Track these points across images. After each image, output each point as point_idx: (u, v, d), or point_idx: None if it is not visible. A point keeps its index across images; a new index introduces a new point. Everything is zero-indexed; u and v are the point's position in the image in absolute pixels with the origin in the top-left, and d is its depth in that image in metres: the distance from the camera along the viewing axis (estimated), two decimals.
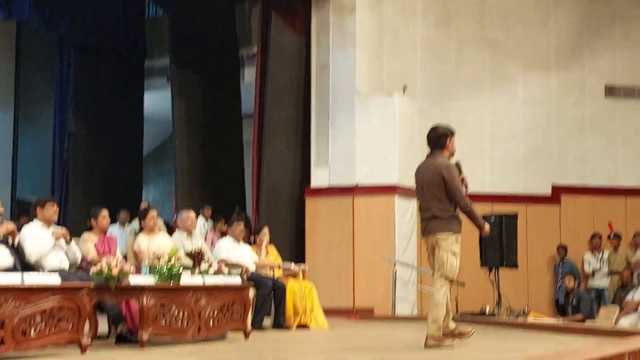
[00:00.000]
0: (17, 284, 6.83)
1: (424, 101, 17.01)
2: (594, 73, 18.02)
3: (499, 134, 17.42)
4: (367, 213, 15.63)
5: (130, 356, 7.22)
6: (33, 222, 9.08)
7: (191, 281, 8.74)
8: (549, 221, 17.44)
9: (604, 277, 17.01)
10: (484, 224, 8.45)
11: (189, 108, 17.66)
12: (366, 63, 16.27)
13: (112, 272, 8.00)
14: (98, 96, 19.38)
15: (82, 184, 19.02)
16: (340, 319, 14.14)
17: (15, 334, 6.67)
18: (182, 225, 10.90)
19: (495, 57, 17.58)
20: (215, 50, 18.53)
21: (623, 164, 17.95)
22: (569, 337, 9.65)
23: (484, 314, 14.06)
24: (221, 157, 18.15)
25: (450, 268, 8.09)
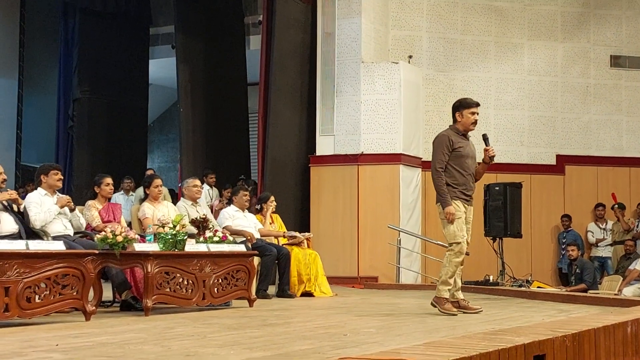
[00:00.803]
0: (21, 250, 6.85)
1: (429, 69, 16.99)
2: (600, 43, 17.98)
3: (503, 103, 17.41)
4: (371, 181, 15.64)
5: (134, 323, 7.25)
6: (38, 189, 9.09)
7: (196, 249, 8.76)
8: (553, 191, 17.46)
9: (607, 246, 17.05)
10: (446, 206, 8.33)
11: (194, 75, 17.62)
12: (371, 31, 16.23)
13: (117, 239, 8.03)
14: (103, 62, 19.35)
15: (86, 151, 19.03)
16: (345, 287, 14.20)
17: (19, 301, 6.70)
18: (188, 193, 10.91)
19: (501, 25, 17.52)
20: (221, 18, 18.48)
21: (627, 134, 17.94)
22: (572, 306, 9.68)
23: (488, 283, 14.09)
24: (226, 125, 18.15)
25: (448, 233, 8.45)
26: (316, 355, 4.94)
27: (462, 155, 8.55)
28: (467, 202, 8.52)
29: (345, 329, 6.65)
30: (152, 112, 22.50)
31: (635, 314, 6.84)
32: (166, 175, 22.46)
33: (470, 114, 8.72)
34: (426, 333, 6.38)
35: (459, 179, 8.47)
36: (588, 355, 5.57)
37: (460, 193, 8.45)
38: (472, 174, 8.61)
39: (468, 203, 8.53)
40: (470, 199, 8.56)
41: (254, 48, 18.80)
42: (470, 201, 8.57)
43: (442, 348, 4.52)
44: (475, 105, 8.81)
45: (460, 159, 8.52)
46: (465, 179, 8.50)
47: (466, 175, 8.52)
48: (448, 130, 8.78)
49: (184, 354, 5.04)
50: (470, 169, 8.59)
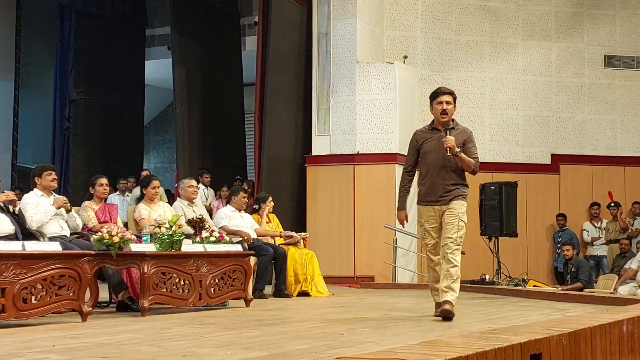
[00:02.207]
0: (18, 251, 6.86)
1: (425, 69, 17.01)
2: (594, 42, 18.02)
3: (498, 103, 17.44)
4: (367, 181, 15.66)
5: (131, 324, 7.26)
6: (33, 190, 9.09)
7: (192, 249, 8.77)
8: (548, 190, 17.49)
9: (602, 245, 17.08)
10: (398, 211, 8.33)
11: (190, 76, 17.63)
12: (367, 31, 16.24)
13: (113, 240, 8.04)
14: (99, 63, 19.36)
15: (83, 152, 19.03)
16: (341, 286, 14.21)
17: (16, 302, 6.71)
18: (184, 194, 10.91)
19: (495, 25, 17.55)
20: (216, 19, 18.51)
21: (622, 134, 17.98)
22: (568, 305, 9.70)
23: (484, 282, 14.11)
24: (222, 126, 18.16)
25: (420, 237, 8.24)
26: (313, 355, 4.95)
27: (425, 151, 7.99)
28: (436, 204, 7.84)
29: (342, 329, 6.66)
30: (148, 113, 22.52)
31: (630, 313, 6.86)
32: (162, 175, 22.46)
33: (437, 104, 8.01)
34: (422, 332, 6.39)
35: (424, 180, 7.96)
36: (584, 354, 5.59)
37: (424, 195, 7.94)
38: (441, 170, 7.84)
39: (437, 204, 7.83)
40: (439, 199, 7.81)
41: (250, 49, 18.82)
42: (440, 201, 7.81)
43: (439, 347, 4.53)
44: (442, 93, 8.04)
45: (425, 157, 7.99)
46: (431, 178, 7.88)
47: (432, 172, 7.89)
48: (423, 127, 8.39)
49: (180, 354, 5.05)
50: (436, 165, 7.86)
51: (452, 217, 7.76)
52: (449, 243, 7.69)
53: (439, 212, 7.84)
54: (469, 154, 7.87)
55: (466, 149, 7.89)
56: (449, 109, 7.94)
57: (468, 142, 7.96)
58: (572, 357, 5.40)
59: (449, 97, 8.00)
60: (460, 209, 7.82)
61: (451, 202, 7.81)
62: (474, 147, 8.01)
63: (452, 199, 7.81)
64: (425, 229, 7.94)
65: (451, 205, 7.80)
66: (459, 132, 7.95)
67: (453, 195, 7.83)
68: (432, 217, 7.87)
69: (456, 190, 7.86)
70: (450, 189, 7.83)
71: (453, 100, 8.02)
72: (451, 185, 7.84)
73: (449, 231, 7.72)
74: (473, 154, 7.94)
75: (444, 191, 7.82)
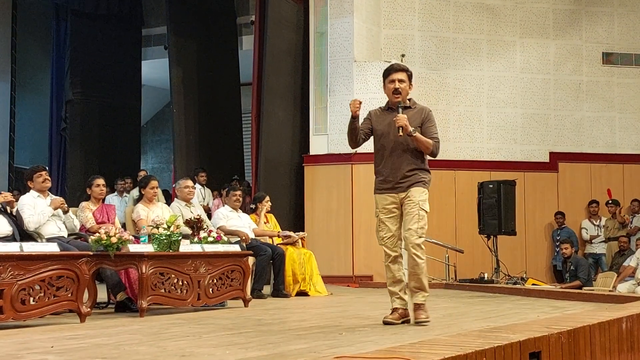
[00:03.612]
0: (15, 252, 6.84)
1: (422, 68, 16.98)
2: (592, 40, 18.00)
3: (496, 101, 17.41)
4: (365, 180, 15.59)
5: (129, 324, 7.25)
6: (30, 192, 9.08)
7: (190, 249, 8.77)
8: (547, 188, 17.48)
9: (601, 243, 17.07)
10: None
11: (187, 76, 17.62)
12: (364, 30, 16.22)
13: (111, 240, 8.03)
14: (95, 64, 19.34)
15: (80, 153, 19.02)
16: (340, 286, 14.20)
17: (14, 303, 6.70)
18: (180, 195, 10.91)
19: (493, 23, 17.53)
20: (213, 19, 18.49)
21: (620, 131, 17.97)
22: (567, 303, 9.69)
23: (483, 280, 14.10)
24: (219, 126, 18.14)
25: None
26: (312, 354, 4.94)
27: (379, 134, 7.30)
28: (392, 191, 7.13)
29: (341, 328, 6.65)
30: (145, 113, 22.49)
31: (630, 310, 6.86)
32: (160, 176, 22.41)
33: (389, 83, 7.33)
34: (421, 331, 6.38)
35: (380, 166, 7.25)
36: (583, 352, 5.58)
37: (380, 183, 7.22)
38: (396, 154, 7.14)
39: (394, 191, 7.12)
40: (396, 186, 7.09)
41: (247, 48, 18.81)
42: (398, 188, 7.09)
43: (438, 346, 4.52)
44: (395, 70, 7.33)
45: (379, 140, 7.29)
46: (387, 164, 7.18)
47: (387, 157, 7.18)
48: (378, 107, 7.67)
49: (179, 354, 5.03)
50: (391, 149, 7.16)
51: (412, 206, 7.02)
52: (409, 236, 6.99)
53: (395, 201, 7.12)
54: (427, 135, 7.19)
55: (424, 128, 7.21)
56: (403, 87, 7.26)
57: (426, 121, 7.27)
58: (571, 355, 5.39)
59: (403, 74, 7.32)
60: (420, 196, 7.07)
61: (410, 189, 7.07)
62: (434, 126, 7.32)
63: (410, 185, 7.09)
64: (380, 220, 7.18)
65: (410, 192, 7.06)
66: (415, 111, 7.30)
67: (412, 181, 7.10)
68: (389, 206, 7.13)
69: (415, 176, 7.12)
70: (408, 175, 7.11)
71: (408, 78, 7.33)
72: (409, 171, 7.12)
73: (409, 222, 7.01)
74: (432, 134, 7.24)
75: (401, 177, 7.10)
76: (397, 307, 7.09)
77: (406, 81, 7.31)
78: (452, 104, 17.11)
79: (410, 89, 7.37)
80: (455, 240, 16.33)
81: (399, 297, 7.12)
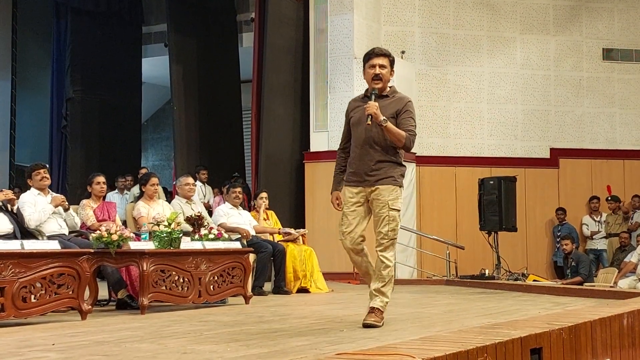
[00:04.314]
0: (16, 250, 6.84)
1: (422, 64, 17.00)
2: (592, 36, 18.00)
3: (497, 98, 17.42)
4: None
5: (130, 321, 7.25)
6: (30, 190, 9.09)
7: (191, 246, 8.76)
8: (548, 184, 17.48)
9: (602, 239, 17.07)
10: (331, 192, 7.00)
11: (187, 74, 17.61)
12: (364, 27, 16.22)
13: (112, 238, 8.03)
14: (95, 61, 19.34)
15: (80, 150, 19.02)
16: (341, 282, 14.20)
17: (15, 301, 6.70)
18: (181, 192, 10.91)
19: (493, 19, 17.53)
20: (213, 16, 18.48)
21: (621, 127, 17.97)
22: (568, 299, 9.69)
23: (484, 276, 14.10)
24: (220, 123, 18.14)
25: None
26: (313, 351, 4.94)
27: (353, 123, 6.78)
28: (359, 184, 6.67)
29: (342, 325, 6.65)
30: (146, 110, 22.49)
31: (631, 306, 6.85)
32: (160, 173, 22.43)
33: (369, 68, 6.76)
34: (422, 328, 6.38)
35: (352, 157, 6.77)
36: (584, 348, 5.58)
37: (350, 175, 6.74)
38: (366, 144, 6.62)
39: (361, 184, 6.65)
40: (364, 179, 6.62)
41: (247, 45, 18.80)
42: (365, 182, 6.62)
43: (439, 343, 4.52)
44: (376, 55, 6.78)
45: (353, 129, 6.78)
46: (357, 155, 6.68)
47: (358, 148, 6.68)
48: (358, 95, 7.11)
49: (180, 351, 5.03)
50: (361, 139, 6.64)
51: (380, 207, 6.56)
52: (379, 239, 6.61)
53: (363, 195, 6.65)
54: (402, 126, 6.56)
55: (400, 119, 6.60)
56: (384, 73, 6.72)
57: (403, 112, 6.65)
58: (573, 351, 5.39)
59: (384, 59, 6.77)
60: (390, 195, 6.56)
61: (378, 185, 6.57)
62: (411, 118, 6.65)
63: (378, 180, 6.57)
64: (344, 213, 6.73)
65: (378, 190, 6.57)
66: (393, 101, 6.71)
67: (380, 176, 6.57)
68: (354, 200, 6.66)
69: (384, 171, 6.58)
70: (376, 168, 6.58)
71: (389, 64, 6.80)
72: (377, 163, 6.58)
73: (378, 224, 6.59)
74: (407, 126, 6.59)
75: (370, 170, 6.60)
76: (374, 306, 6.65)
77: (387, 67, 6.78)
78: (452, 100, 17.11)
79: (391, 76, 6.83)
80: (456, 236, 16.34)
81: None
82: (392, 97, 6.76)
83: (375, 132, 6.54)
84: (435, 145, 16.95)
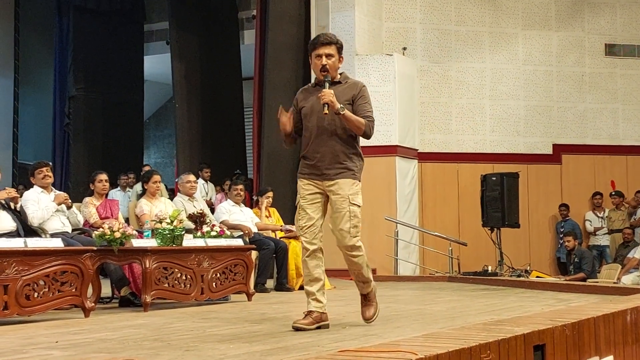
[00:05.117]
0: (20, 247, 6.85)
1: (424, 61, 16.98)
2: (594, 31, 17.98)
3: (499, 94, 17.40)
4: (368, 174, 15.41)
5: (133, 319, 7.25)
6: (33, 187, 9.10)
7: (193, 243, 8.77)
8: (550, 180, 17.46)
9: (605, 235, 17.05)
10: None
11: (189, 71, 17.63)
12: (365, 23, 16.20)
13: (115, 235, 8.03)
14: (98, 59, 19.39)
15: (83, 148, 19.07)
16: (343, 279, 14.18)
17: (18, 298, 6.70)
18: (183, 189, 10.91)
19: (495, 15, 17.51)
20: (214, 13, 18.49)
21: (623, 122, 17.96)
22: (571, 295, 9.69)
23: (486, 273, 14.09)
24: (222, 120, 18.16)
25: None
26: (315, 348, 4.94)
27: (305, 114, 6.41)
28: (317, 178, 6.33)
29: (344, 322, 6.65)
30: (148, 108, 22.52)
31: (634, 302, 6.85)
32: (163, 171, 22.43)
33: (316, 58, 6.33)
34: (425, 324, 6.38)
35: (306, 150, 6.40)
36: (588, 344, 5.58)
37: (306, 168, 6.39)
38: (322, 135, 6.26)
39: (319, 178, 6.32)
40: (323, 173, 6.30)
41: (248, 43, 18.82)
42: (324, 176, 6.29)
43: (441, 339, 4.52)
44: (321, 44, 6.31)
45: (305, 120, 6.40)
46: (312, 147, 6.33)
47: (313, 140, 6.32)
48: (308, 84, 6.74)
49: (183, 348, 5.04)
50: (316, 130, 6.28)
51: (340, 202, 6.26)
52: (341, 238, 6.36)
53: (320, 189, 6.32)
54: (359, 113, 6.24)
55: (356, 106, 6.27)
56: (330, 64, 6.30)
57: (359, 98, 6.31)
58: (576, 347, 5.39)
59: (331, 48, 6.32)
60: (350, 189, 6.29)
61: (337, 179, 6.26)
62: (367, 104, 6.33)
63: (338, 174, 6.26)
64: (301, 207, 6.38)
65: (337, 184, 6.26)
66: (346, 87, 6.36)
67: (339, 169, 6.27)
68: (312, 194, 6.33)
69: (344, 164, 6.30)
70: (335, 161, 6.27)
71: (337, 52, 6.35)
72: (336, 156, 6.27)
73: (339, 221, 6.30)
74: (365, 112, 6.28)
75: (328, 163, 6.26)
76: (311, 310, 6.30)
77: (335, 55, 6.33)
78: (454, 96, 17.09)
79: (340, 63, 6.39)
80: (458, 233, 16.33)
81: (315, 299, 6.36)
82: (344, 83, 6.41)
83: (331, 121, 6.22)
84: (437, 141, 16.94)
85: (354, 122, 6.18)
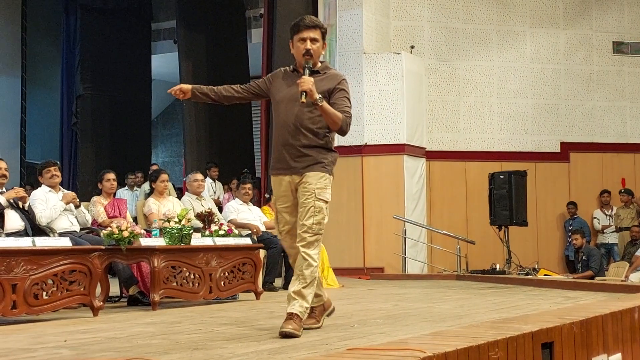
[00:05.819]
0: (28, 247, 6.86)
1: (432, 59, 16.97)
2: (602, 29, 17.95)
3: (506, 92, 17.38)
4: (376, 172, 15.63)
5: (142, 318, 7.26)
6: (42, 187, 9.12)
7: (201, 242, 8.77)
8: (558, 178, 17.44)
9: (613, 233, 17.03)
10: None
11: (197, 70, 17.64)
12: (373, 22, 16.19)
13: (123, 234, 8.04)
14: (105, 58, 19.41)
15: (90, 147, 19.09)
16: (351, 278, 14.19)
17: (27, 298, 6.71)
18: (190, 188, 10.92)
19: (502, 13, 17.48)
20: (222, 12, 18.50)
21: (631, 120, 17.93)
22: (579, 293, 9.67)
23: (494, 271, 14.08)
24: (229, 119, 18.16)
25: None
26: (324, 346, 4.94)
27: (277, 101, 6.00)
28: (287, 172, 5.89)
29: (353, 320, 6.65)
30: (156, 107, 22.54)
31: None
32: (171, 170, 22.47)
33: (299, 42, 5.92)
34: (433, 323, 6.38)
35: (275, 141, 6.00)
36: (596, 342, 5.57)
37: (275, 162, 5.99)
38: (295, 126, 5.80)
39: (288, 172, 5.88)
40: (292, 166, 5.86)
41: (256, 41, 18.82)
42: (293, 169, 5.86)
43: (450, 337, 4.52)
44: (306, 27, 5.89)
45: (276, 109, 6.01)
46: (283, 138, 5.88)
47: (284, 130, 5.87)
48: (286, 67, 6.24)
49: (191, 347, 5.04)
50: (289, 120, 5.83)
51: (306, 195, 5.79)
52: (302, 232, 5.77)
53: (292, 185, 5.90)
54: (337, 107, 5.79)
55: (334, 99, 5.84)
56: (315, 48, 5.90)
57: (337, 90, 5.88)
58: (584, 345, 5.38)
59: (316, 32, 5.91)
60: (318, 183, 5.81)
61: (306, 172, 5.82)
62: (346, 98, 5.89)
63: (307, 167, 5.82)
64: (277, 211, 6.06)
65: (305, 177, 5.81)
66: (326, 77, 5.95)
67: (308, 162, 5.82)
68: (284, 192, 5.94)
69: (313, 157, 5.83)
70: (304, 153, 5.82)
71: (321, 37, 5.94)
72: (305, 148, 5.82)
73: (302, 216, 5.80)
74: (342, 106, 5.82)
75: (297, 155, 5.82)
76: (312, 306, 5.99)
77: (319, 40, 5.93)
78: (462, 95, 17.08)
79: (323, 50, 6.02)
80: (466, 231, 16.31)
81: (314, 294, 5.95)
82: (324, 73, 6.00)
83: (304, 111, 5.79)
84: (445, 139, 16.93)
85: (330, 116, 5.72)
